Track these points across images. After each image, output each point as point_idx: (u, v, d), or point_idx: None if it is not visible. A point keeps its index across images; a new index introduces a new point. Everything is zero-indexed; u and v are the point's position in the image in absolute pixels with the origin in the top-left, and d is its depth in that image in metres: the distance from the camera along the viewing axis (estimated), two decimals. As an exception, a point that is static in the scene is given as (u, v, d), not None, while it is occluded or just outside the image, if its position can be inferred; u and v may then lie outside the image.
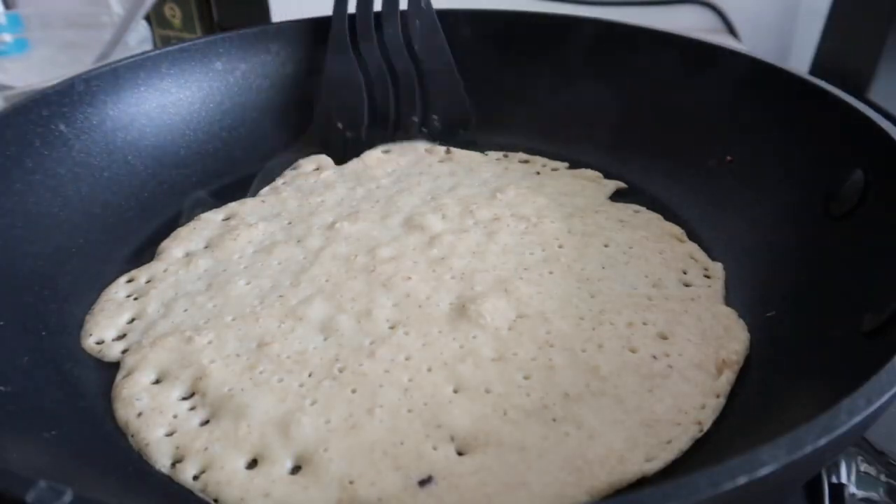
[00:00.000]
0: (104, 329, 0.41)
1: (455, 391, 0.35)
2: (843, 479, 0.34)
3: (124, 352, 0.39)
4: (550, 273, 0.43)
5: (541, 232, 0.46)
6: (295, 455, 0.32)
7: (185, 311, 0.41)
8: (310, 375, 0.36)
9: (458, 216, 0.48)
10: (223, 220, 0.51)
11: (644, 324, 0.38)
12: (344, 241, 0.46)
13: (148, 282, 0.44)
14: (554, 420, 0.33)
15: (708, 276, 0.43)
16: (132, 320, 0.42)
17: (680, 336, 0.38)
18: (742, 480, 0.19)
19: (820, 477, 0.34)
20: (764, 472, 0.20)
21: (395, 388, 0.35)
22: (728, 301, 0.41)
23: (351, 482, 0.30)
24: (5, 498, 0.20)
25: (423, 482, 0.30)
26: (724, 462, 0.20)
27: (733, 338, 0.37)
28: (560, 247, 0.45)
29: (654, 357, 0.36)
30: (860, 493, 0.34)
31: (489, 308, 0.39)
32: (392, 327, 0.39)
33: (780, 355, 0.36)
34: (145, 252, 0.48)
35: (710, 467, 0.20)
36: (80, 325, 0.41)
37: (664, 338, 0.38)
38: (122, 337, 0.40)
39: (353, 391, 0.35)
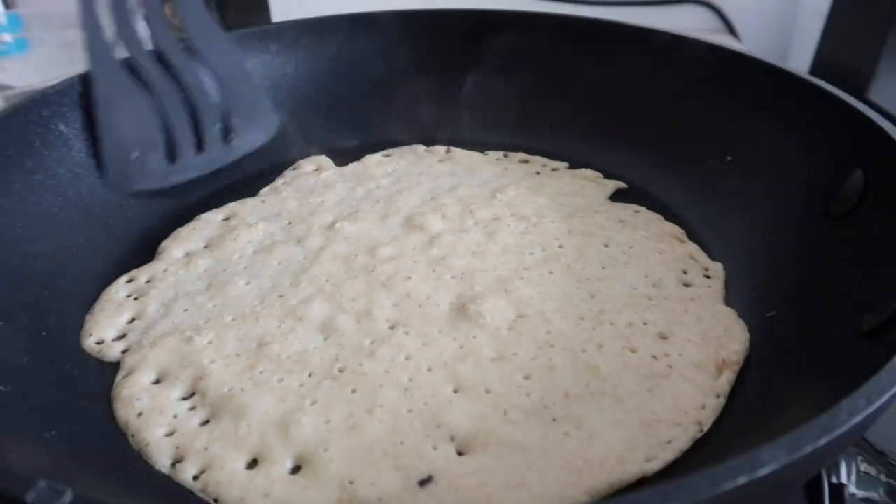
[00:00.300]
0: (104, 329, 0.41)
1: (455, 391, 0.35)
2: (843, 479, 0.34)
3: (124, 352, 0.39)
4: (550, 273, 0.43)
5: (541, 232, 0.47)
6: (295, 455, 0.32)
7: (185, 311, 0.41)
8: (310, 375, 0.36)
9: (458, 216, 0.48)
10: (223, 220, 0.51)
11: (644, 324, 0.38)
12: (344, 240, 0.46)
13: (148, 282, 0.44)
14: (554, 420, 0.33)
15: (708, 276, 0.43)
16: (132, 320, 0.42)
17: (680, 336, 0.38)
18: (742, 480, 0.19)
19: (820, 477, 0.34)
20: (764, 472, 0.20)
21: (395, 388, 0.35)
22: (728, 301, 0.41)
23: (351, 482, 0.30)
24: (5, 498, 0.20)
25: (423, 482, 0.30)
26: (724, 462, 0.20)
27: (733, 338, 0.37)
28: (560, 247, 0.45)
29: (654, 357, 0.36)
30: (860, 493, 0.34)
31: (489, 308, 0.39)
32: (392, 327, 0.39)
33: (780, 355, 0.36)
34: (145, 252, 0.48)
35: (710, 467, 0.20)
36: (80, 325, 0.41)
37: (664, 338, 0.38)
38: (122, 337, 0.40)
39: (353, 391, 0.35)
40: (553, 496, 0.29)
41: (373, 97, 0.61)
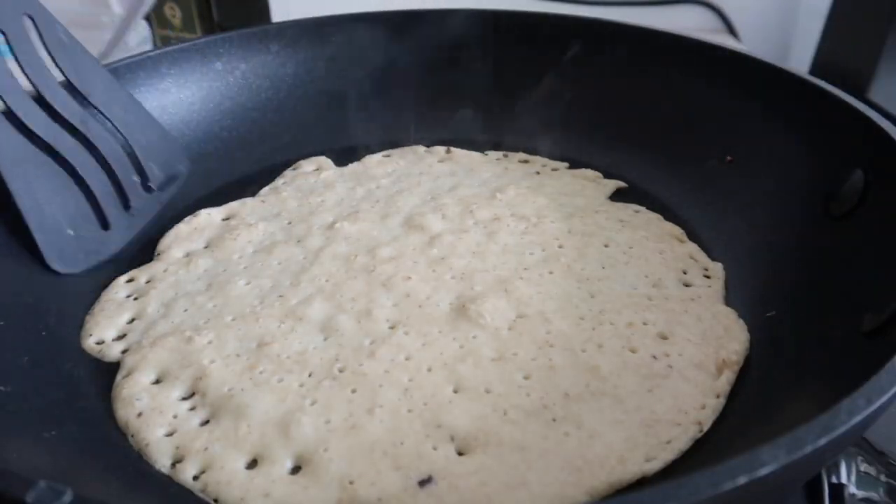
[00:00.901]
0: (104, 329, 0.41)
1: (455, 391, 0.35)
2: (843, 479, 0.34)
3: (124, 352, 0.39)
4: (550, 273, 0.43)
5: (541, 232, 0.47)
6: (295, 455, 0.32)
7: (185, 311, 0.41)
8: (310, 375, 0.36)
9: (458, 216, 0.48)
10: (223, 220, 0.51)
11: (644, 324, 0.38)
12: (344, 240, 0.46)
13: (148, 282, 0.44)
14: (554, 420, 0.33)
15: (708, 276, 0.43)
16: (132, 320, 0.42)
17: (680, 336, 0.38)
18: (742, 480, 0.19)
19: (820, 477, 0.34)
20: (764, 472, 0.20)
21: (395, 388, 0.35)
22: (728, 301, 0.41)
23: (351, 482, 0.30)
24: (5, 498, 0.20)
25: (423, 482, 0.30)
26: (724, 462, 0.20)
27: (733, 338, 0.37)
28: (560, 247, 0.45)
29: (654, 357, 0.36)
30: (860, 493, 0.34)
31: (489, 308, 0.39)
32: (392, 327, 0.39)
33: (780, 355, 0.36)
34: (145, 252, 0.47)
35: (710, 467, 0.20)
36: (80, 325, 0.41)
37: (664, 338, 0.38)
38: (122, 337, 0.40)
39: (353, 391, 0.35)
40: (553, 496, 0.29)
41: (373, 97, 0.61)
